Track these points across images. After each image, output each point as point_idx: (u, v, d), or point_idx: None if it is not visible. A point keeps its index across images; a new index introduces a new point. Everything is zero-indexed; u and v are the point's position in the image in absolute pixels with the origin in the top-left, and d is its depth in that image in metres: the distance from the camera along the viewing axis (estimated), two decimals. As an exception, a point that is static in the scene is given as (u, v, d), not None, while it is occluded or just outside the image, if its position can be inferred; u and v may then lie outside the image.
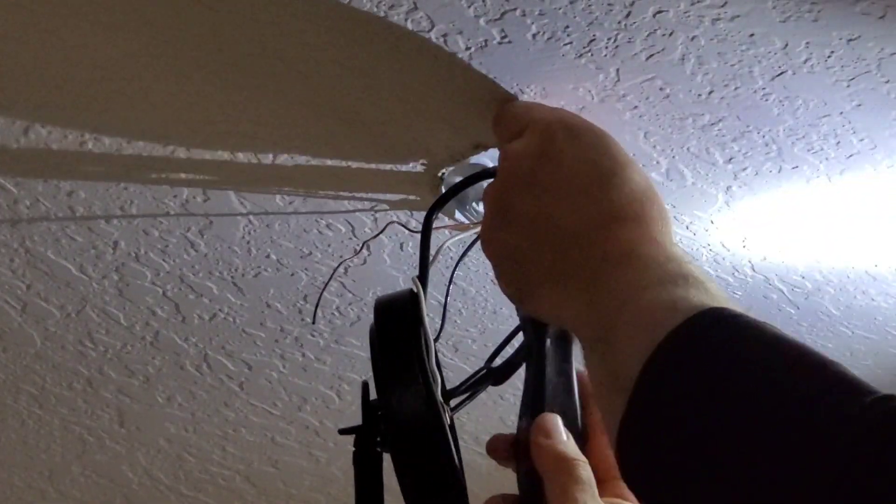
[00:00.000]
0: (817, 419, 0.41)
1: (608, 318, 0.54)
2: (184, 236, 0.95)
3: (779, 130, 0.78)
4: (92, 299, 1.06)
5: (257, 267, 1.00)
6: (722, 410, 0.45)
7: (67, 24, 0.70)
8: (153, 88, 0.77)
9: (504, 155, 0.66)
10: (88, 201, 0.90)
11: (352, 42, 0.69)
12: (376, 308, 0.68)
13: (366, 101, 0.76)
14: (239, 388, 1.24)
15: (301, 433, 1.36)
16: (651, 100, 0.75)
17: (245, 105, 0.78)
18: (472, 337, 1.14)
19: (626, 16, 0.66)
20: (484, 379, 0.73)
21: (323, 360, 1.18)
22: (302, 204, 0.90)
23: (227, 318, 1.09)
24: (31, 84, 0.77)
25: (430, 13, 0.67)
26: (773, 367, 0.45)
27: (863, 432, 0.40)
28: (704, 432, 0.45)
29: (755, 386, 0.45)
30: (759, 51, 0.69)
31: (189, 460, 1.44)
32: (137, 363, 1.19)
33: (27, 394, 1.26)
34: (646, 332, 0.49)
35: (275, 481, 1.51)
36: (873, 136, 0.78)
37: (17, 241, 0.96)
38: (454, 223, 0.86)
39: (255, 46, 0.71)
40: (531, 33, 0.68)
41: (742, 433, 0.43)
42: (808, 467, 0.40)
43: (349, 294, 1.05)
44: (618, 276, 0.55)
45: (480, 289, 1.03)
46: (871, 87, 0.72)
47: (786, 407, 0.43)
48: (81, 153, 0.85)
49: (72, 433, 1.36)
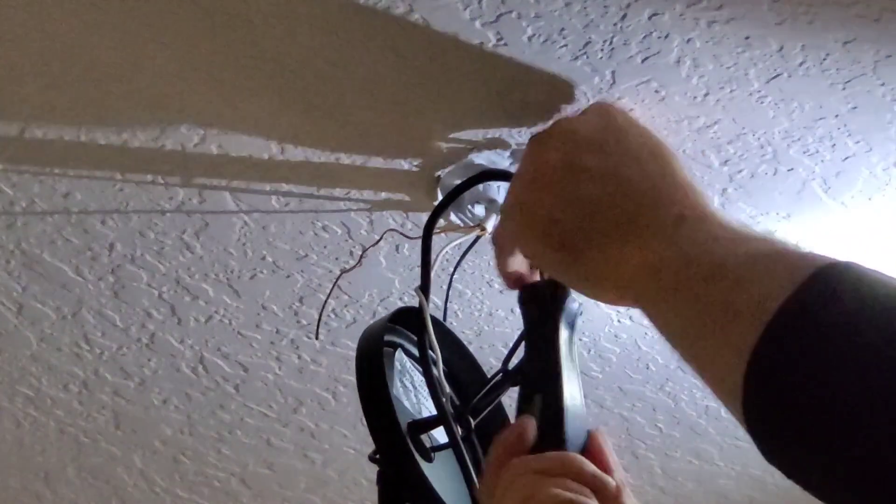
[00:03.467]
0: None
1: (706, 263, 0.53)
2: (180, 238, 0.95)
3: (774, 133, 0.78)
4: (88, 301, 1.06)
5: (253, 269, 1.00)
6: (879, 349, 0.43)
7: (64, 25, 0.70)
8: (149, 90, 0.77)
9: (566, 123, 0.65)
10: (84, 203, 0.90)
11: (347, 44, 0.69)
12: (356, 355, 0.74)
13: (361, 102, 0.76)
14: (234, 390, 1.24)
15: (296, 435, 1.36)
16: (647, 102, 0.75)
17: (240, 106, 0.78)
18: (468, 339, 1.14)
19: (622, 18, 0.66)
20: (502, 383, 0.74)
21: (319, 363, 1.18)
22: (298, 205, 0.90)
23: (223, 320, 1.09)
24: (27, 85, 0.77)
25: (425, 15, 0.67)
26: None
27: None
28: (855, 368, 0.43)
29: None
30: (755, 53, 0.69)
31: (185, 462, 1.44)
32: (133, 365, 1.19)
33: (23, 396, 1.26)
34: (783, 270, 0.48)
35: (270, 483, 1.51)
36: (869, 139, 0.78)
37: (12, 243, 0.96)
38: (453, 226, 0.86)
39: (251, 48, 0.71)
40: (527, 36, 0.68)
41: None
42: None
43: (345, 296, 1.05)
44: (706, 227, 0.55)
45: (476, 291, 1.03)
46: (867, 89, 0.72)
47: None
48: (77, 154, 0.85)
49: (67, 435, 1.36)
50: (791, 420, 0.45)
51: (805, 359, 0.45)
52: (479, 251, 0.88)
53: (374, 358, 0.72)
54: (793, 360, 0.45)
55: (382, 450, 0.70)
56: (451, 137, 0.80)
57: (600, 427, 0.68)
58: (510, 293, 0.75)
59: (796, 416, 0.45)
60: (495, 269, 0.71)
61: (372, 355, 0.72)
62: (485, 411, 0.75)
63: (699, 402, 1.22)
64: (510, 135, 0.79)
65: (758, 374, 0.46)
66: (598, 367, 1.15)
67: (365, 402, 0.71)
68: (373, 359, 0.72)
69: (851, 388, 0.43)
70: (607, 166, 0.61)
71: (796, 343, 0.45)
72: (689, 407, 1.24)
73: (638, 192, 0.59)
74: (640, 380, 1.18)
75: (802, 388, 0.44)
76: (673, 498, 1.49)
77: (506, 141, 0.80)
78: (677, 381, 1.18)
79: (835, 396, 0.43)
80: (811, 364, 0.44)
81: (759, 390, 0.46)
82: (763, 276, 0.49)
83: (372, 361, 0.72)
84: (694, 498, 1.49)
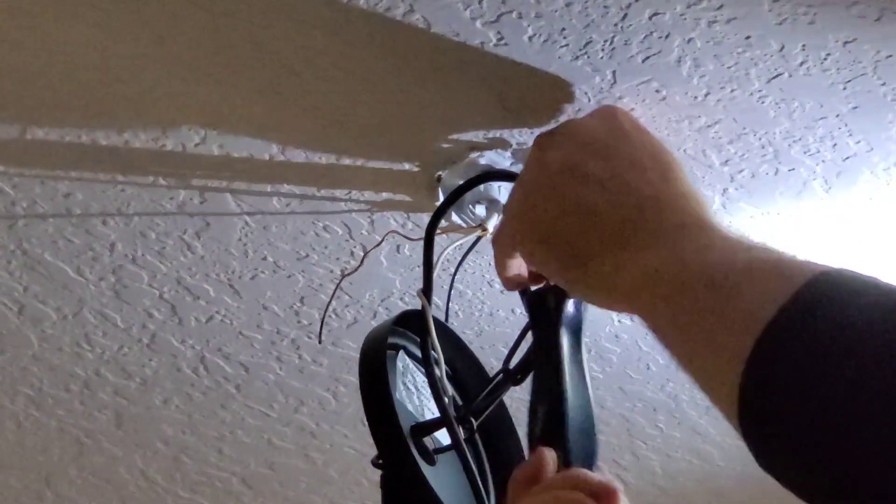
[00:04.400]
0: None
1: (705, 270, 0.53)
2: (181, 238, 0.95)
3: (775, 133, 0.78)
4: (89, 301, 1.06)
5: (254, 269, 1.00)
6: (874, 355, 0.43)
7: (64, 26, 0.70)
8: (150, 90, 0.77)
9: (572, 126, 0.66)
10: (85, 203, 0.90)
11: (348, 44, 0.70)
12: (359, 359, 0.74)
13: (361, 103, 0.76)
14: (235, 390, 1.24)
15: (297, 435, 1.36)
16: (647, 102, 0.75)
17: (241, 106, 0.78)
18: (468, 340, 1.14)
19: (623, 18, 0.66)
20: (503, 382, 0.74)
21: (319, 363, 1.18)
22: (299, 206, 0.90)
23: (224, 320, 1.09)
24: (29, 85, 0.77)
25: (426, 15, 0.67)
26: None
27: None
28: (850, 375, 0.43)
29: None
30: (756, 53, 0.69)
31: (186, 462, 1.44)
32: (134, 365, 1.19)
33: (24, 396, 1.26)
34: (777, 279, 0.48)
35: (271, 483, 1.51)
36: (870, 139, 0.78)
37: (13, 243, 0.96)
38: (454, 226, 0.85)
39: (252, 49, 0.71)
40: (527, 35, 0.68)
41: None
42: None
43: (346, 297, 1.05)
44: (706, 236, 0.56)
45: (477, 291, 1.03)
46: (868, 89, 0.72)
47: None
48: (78, 155, 0.85)
49: (69, 435, 1.36)
50: (785, 428, 0.45)
51: (799, 368, 0.45)
52: (480, 251, 0.89)
53: (377, 364, 0.72)
54: (787, 369, 0.45)
55: (385, 454, 0.70)
56: (452, 137, 0.80)
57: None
58: (511, 293, 0.75)
59: (790, 424, 0.45)
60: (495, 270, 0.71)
61: (374, 361, 0.72)
62: (486, 411, 0.75)
63: (700, 402, 1.22)
64: (511, 134, 0.79)
65: (753, 383, 0.46)
66: (598, 367, 1.15)
67: (368, 407, 0.71)
68: (375, 365, 0.72)
69: (845, 396, 0.43)
70: (610, 173, 0.61)
71: (790, 352, 0.45)
72: (690, 407, 1.24)
73: (639, 199, 0.60)
74: (640, 380, 1.18)
75: (796, 396, 0.44)
76: (673, 498, 1.49)
77: (506, 140, 0.80)
78: (678, 382, 1.18)
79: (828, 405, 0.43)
80: (805, 373, 0.44)
81: (754, 399, 0.47)
82: (758, 285, 0.49)
83: (374, 367, 0.72)
84: (694, 498, 1.49)
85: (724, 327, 0.50)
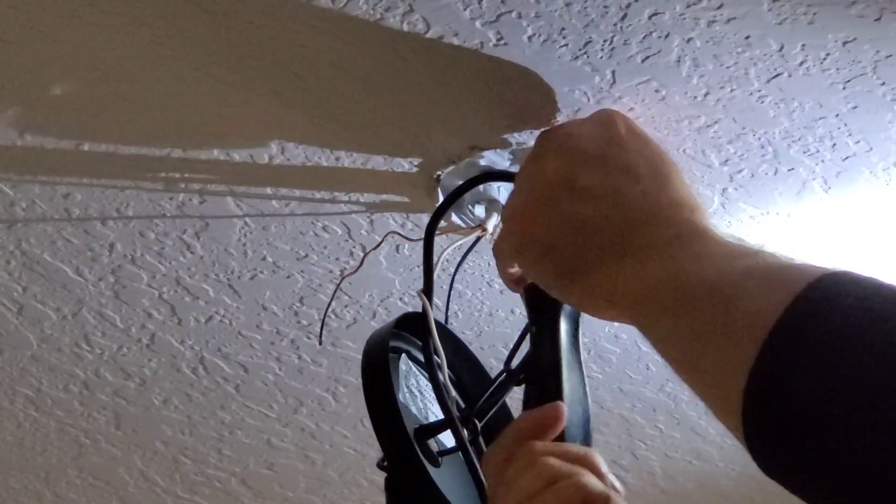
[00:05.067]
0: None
1: (703, 280, 0.53)
2: (180, 238, 0.95)
3: (774, 133, 0.78)
4: (88, 302, 1.06)
5: (253, 269, 1.00)
6: (878, 358, 0.43)
7: (63, 26, 0.70)
8: (149, 90, 0.77)
9: (569, 132, 0.66)
10: (84, 203, 0.90)
11: (347, 44, 0.70)
12: (362, 361, 0.74)
13: (361, 103, 0.76)
14: (235, 390, 1.24)
15: (297, 435, 1.36)
16: (647, 102, 0.75)
17: (240, 107, 0.78)
18: (468, 340, 1.14)
19: (622, 18, 0.66)
20: (506, 382, 0.74)
21: (319, 363, 1.18)
22: (298, 206, 0.90)
23: (224, 320, 1.09)
24: (28, 86, 0.77)
25: (426, 15, 0.67)
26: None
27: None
28: (856, 379, 0.43)
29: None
30: (755, 53, 0.69)
31: (185, 463, 1.44)
32: (133, 366, 1.19)
33: (23, 396, 1.26)
34: (777, 285, 0.48)
35: (271, 483, 1.51)
36: (869, 139, 0.78)
37: (13, 244, 0.96)
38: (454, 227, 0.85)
39: (251, 49, 0.71)
40: (527, 35, 0.68)
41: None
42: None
43: (345, 297, 1.05)
44: (701, 245, 0.56)
45: (476, 291, 1.03)
46: (867, 89, 0.72)
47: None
48: (77, 155, 0.85)
49: (68, 435, 1.36)
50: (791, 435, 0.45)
51: (803, 374, 0.44)
52: (480, 251, 0.89)
53: (380, 367, 0.71)
54: (791, 376, 0.45)
55: (390, 457, 0.70)
56: (451, 137, 0.80)
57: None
58: (510, 293, 0.75)
59: (796, 431, 0.45)
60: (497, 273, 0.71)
61: (377, 364, 0.72)
62: (490, 412, 0.75)
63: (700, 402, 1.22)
64: (510, 135, 0.79)
65: (756, 390, 0.46)
66: (598, 367, 1.15)
67: (372, 410, 0.71)
68: (378, 368, 0.71)
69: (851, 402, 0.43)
70: (605, 185, 0.61)
71: (793, 358, 0.45)
72: (690, 407, 1.24)
73: (634, 211, 0.60)
74: (640, 380, 1.18)
75: (801, 403, 0.44)
76: (673, 499, 1.49)
77: (506, 141, 0.80)
78: (678, 382, 1.17)
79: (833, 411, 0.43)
80: (809, 379, 0.44)
81: (759, 407, 0.46)
82: (758, 292, 0.49)
83: (378, 371, 0.71)
84: (694, 499, 1.49)
85: (725, 338, 0.50)
